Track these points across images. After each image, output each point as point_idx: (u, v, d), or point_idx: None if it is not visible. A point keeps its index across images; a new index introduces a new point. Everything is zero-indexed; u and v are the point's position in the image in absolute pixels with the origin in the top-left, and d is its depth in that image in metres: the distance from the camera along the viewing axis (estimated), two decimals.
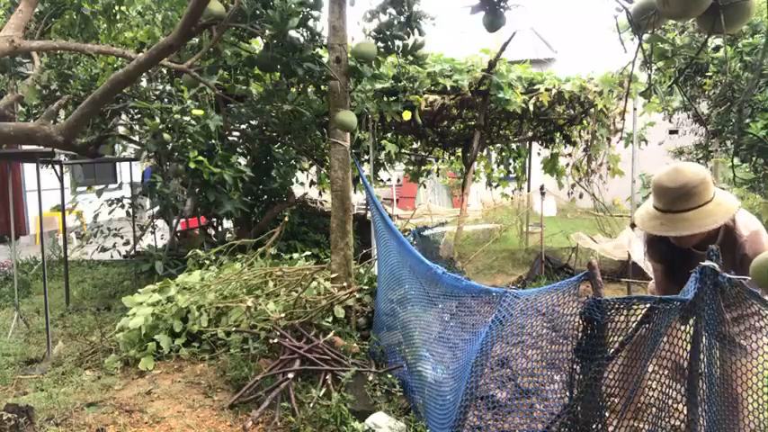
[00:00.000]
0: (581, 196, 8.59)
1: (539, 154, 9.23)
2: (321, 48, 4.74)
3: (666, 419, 2.18)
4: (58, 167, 6.45)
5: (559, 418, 2.29)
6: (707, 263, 2.00)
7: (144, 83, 6.43)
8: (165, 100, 6.15)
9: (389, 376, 3.83)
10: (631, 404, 2.19)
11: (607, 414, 2.23)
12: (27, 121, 6.29)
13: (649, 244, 2.79)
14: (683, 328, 2.08)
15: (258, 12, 4.12)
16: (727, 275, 1.99)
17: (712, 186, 2.46)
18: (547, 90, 6.83)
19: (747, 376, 2.07)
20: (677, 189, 2.39)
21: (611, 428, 2.18)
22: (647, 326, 2.09)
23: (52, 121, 4.36)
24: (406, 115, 6.78)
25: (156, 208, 6.92)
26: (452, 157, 9.84)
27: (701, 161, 10.47)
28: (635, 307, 2.08)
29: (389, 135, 8.23)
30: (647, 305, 2.04)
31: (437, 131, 8.38)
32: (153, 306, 4.67)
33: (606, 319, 2.05)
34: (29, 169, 9.76)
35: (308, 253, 6.19)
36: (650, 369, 2.18)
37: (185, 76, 4.30)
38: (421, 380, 3.40)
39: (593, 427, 2.16)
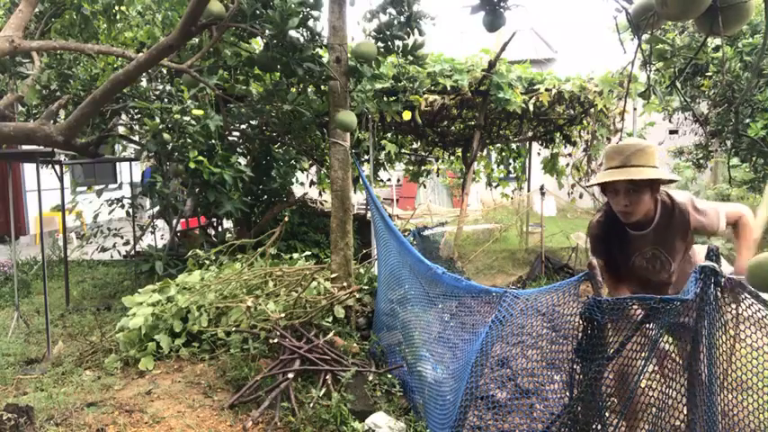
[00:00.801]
0: (581, 196, 8.59)
1: (539, 154, 9.23)
2: (321, 48, 4.74)
3: (666, 419, 2.18)
4: (57, 167, 6.45)
5: (559, 418, 2.30)
6: (706, 263, 2.00)
7: (144, 83, 6.43)
8: (165, 100, 6.15)
9: (389, 376, 3.83)
10: (631, 404, 2.19)
11: (607, 414, 2.23)
12: (27, 121, 6.29)
13: (593, 239, 2.91)
14: (683, 328, 2.09)
15: (258, 12, 4.12)
16: (727, 275, 1.99)
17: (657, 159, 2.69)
18: (547, 90, 6.83)
19: (748, 376, 2.07)
20: (631, 146, 2.63)
21: (611, 428, 2.18)
22: (646, 326, 2.10)
23: (52, 121, 4.37)
24: (406, 115, 6.78)
25: (156, 208, 6.92)
26: (452, 157, 9.84)
27: (701, 161, 10.48)
28: (635, 307, 2.09)
29: (389, 135, 8.24)
30: (648, 305, 2.04)
31: (437, 131, 8.38)
32: (153, 306, 4.67)
33: (606, 319, 2.06)
34: (29, 169, 9.77)
35: (308, 253, 6.20)
36: (650, 369, 2.18)
37: (185, 76, 4.30)
38: (421, 380, 3.41)
39: (594, 427, 2.17)
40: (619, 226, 2.77)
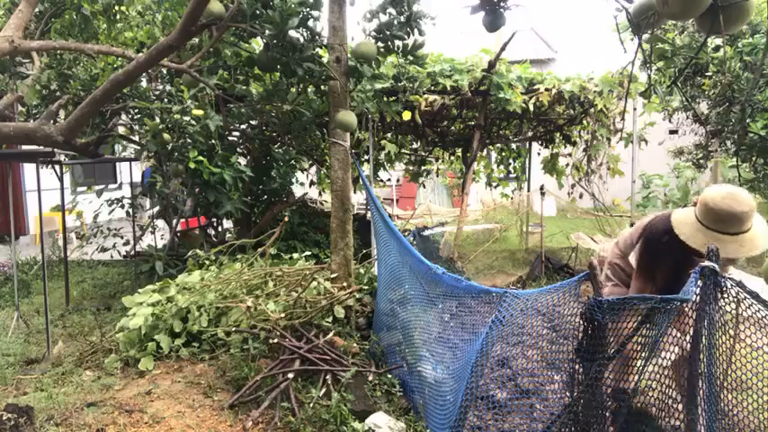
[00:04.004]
0: (581, 196, 8.59)
1: (539, 154, 9.23)
2: (321, 48, 4.74)
3: (666, 419, 2.18)
4: (57, 167, 6.44)
5: (560, 418, 2.30)
6: (706, 263, 2.00)
7: (144, 83, 6.42)
8: (165, 100, 6.14)
9: (389, 376, 3.83)
10: (633, 403, 2.19)
11: (607, 414, 2.23)
12: (27, 121, 6.29)
13: (656, 260, 2.81)
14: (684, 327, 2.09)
15: (258, 12, 4.12)
16: (726, 276, 1.99)
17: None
18: (547, 90, 6.83)
19: (747, 376, 2.07)
20: (747, 212, 2.53)
21: (611, 428, 2.18)
22: (647, 326, 2.10)
23: (52, 121, 4.37)
24: (406, 115, 6.78)
25: (156, 208, 6.92)
26: (452, 157, 9.84)
27: (701, 161, 10.48)
28: (636, 307, 2.09)
29: (389, 135, 8.23)
30: (648, 305, 2.04)
31: (437, 131, 8.38)
32: (153, 306, 4.66)
33: (607, 319, 2.06)
34: (29, 169, 9.76)
35: (308, 253, 6.19)
36: (650, 369, 2.18)
37: (185, 76, 4.30)
38: (421, 380, 3.40)
39: (594, 427, 2.17)
40: (683, 250, 2.70)
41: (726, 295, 2.03)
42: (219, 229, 7.32)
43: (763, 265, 2.05)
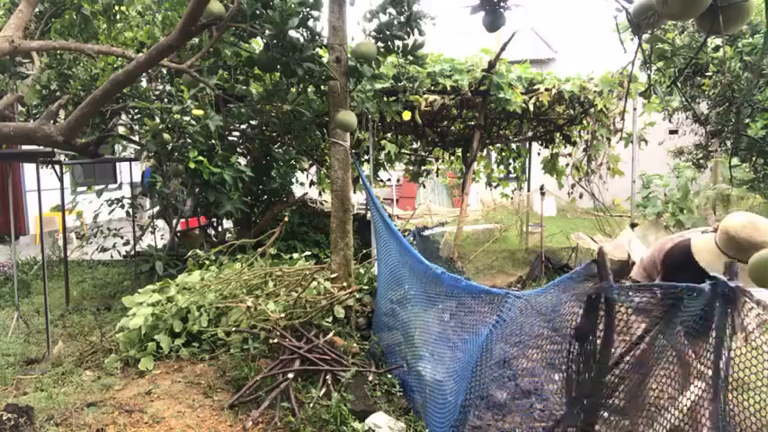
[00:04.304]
0: (581, 196, 8.59)
1: (539, 154, 9.23)
2: (321, 48, 4.74)
3: (666, 419, 2.18)
4: (57, 167, 6.44)
5: (561, 418, 2.30)
6: (717, 275, 2.03)
7: (144, 83, 6.42)
8: (165, 100, 6.14)
9: (389, 376, 3.83)
10: (639, 402, 2.19)
11: (606, 414, 2.23)
12: (27, 121, 6.29)
13: (668, 274, 2.84)
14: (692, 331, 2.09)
15: (258, 12, 4.12)
16: (733, 284, 2.00)
17: None
18: (547, 90, 6.83)
19: (746, 374, 2.07)
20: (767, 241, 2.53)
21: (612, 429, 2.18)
22: (661, 322, 2.10)
23: (52, 121, 4.36)
24: (406, 115, 6.78)
25: (156, 208, 6.92)
26: (452, 157, 9.84)
27: (701, 161, 10.48)
28: (656, 294, 2.09)
29: (389, 135, 8.23)
30: (669, 295, 2.05)
31: (437, 131, 8.38)
32: (153, 306, 4.66)
33: (625, 301, 2.07)
34: (29, 169, 9.75)
35: (308, 253, 6.19)
36: (654, 370, 2.18)
37: (185, 76, 4.30)
38: (421, 380, 3.40)
39: (595, 427, 2.17)
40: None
41: (731, 301, 2.04)
42: (219, 229, 7.32)
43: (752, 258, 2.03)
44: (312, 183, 8.98)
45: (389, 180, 11.59)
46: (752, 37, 7.40)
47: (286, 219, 6.10)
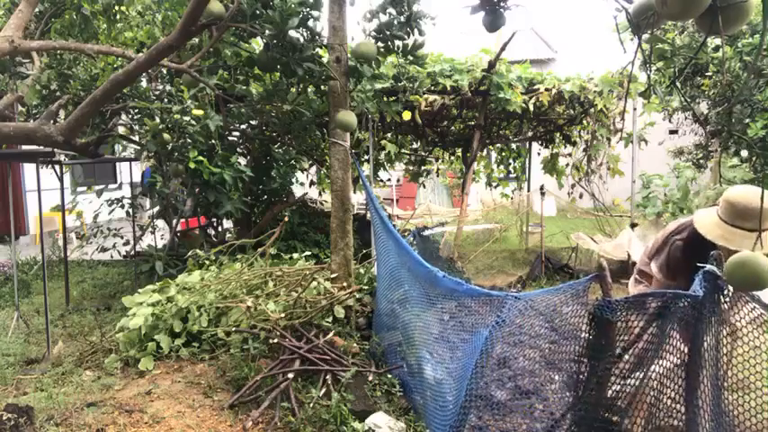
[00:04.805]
0: (581, 196, 8.59)
1: (539, 154, 9.23)
2: (321, 48, 4.74)
3: (667, 419, 2.18)
4: (57, 167, 6.44)
5: (563, 418, 2.30)
6: (708, 267, 2.02)
7: (144, 83, 6.42)
8: (165, 100, 6.14)
9: (389, 376, 3.83)
10: (637, 403, 2.20)
11: (608, 414, 2.23)
12: (27, 121, 6.29)
13: (676, 262, 2.82)
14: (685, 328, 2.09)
15: (258, 12, 4.12)
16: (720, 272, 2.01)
17: None
18: (547, 90, 6.83)
19: (744, 374, 2.08)
20: (765, 209, 2.48)
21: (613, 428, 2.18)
22: (657, 323, 2.10)
23: (52, 121, 4.37)
24: (406, 115, 6.78)
25: (156, 208, 6.92)
26: (452, 157, 9.84)
27: (701, 161, 10.48)
28: (648, 305, 2.09)
29: (389, 135, 8.23)
30: (659, 302, 2.05)
31: (437, 131, 8.38)
32: (153, 306, 4.67)
33: (618, 317, 2.07)
34: (29, 169, 9.75)
35: (308, 253, 6.19)
36: (652, 368, 2.19)
37: (185, 76, 4.30)
38: (421, 380, 3.40)
39: (596, 426, 2.17)
40: (702, 249, 2.74)
41: (726, 298, 2.04)
42: (219, 229, 7.32)
43: (729, 261, 2.03)
44: (312, 183, 8.98)
45: (389, 180, 11.59)
46: (752, 37, 7.40)
47: (286, 219, 6.10)
